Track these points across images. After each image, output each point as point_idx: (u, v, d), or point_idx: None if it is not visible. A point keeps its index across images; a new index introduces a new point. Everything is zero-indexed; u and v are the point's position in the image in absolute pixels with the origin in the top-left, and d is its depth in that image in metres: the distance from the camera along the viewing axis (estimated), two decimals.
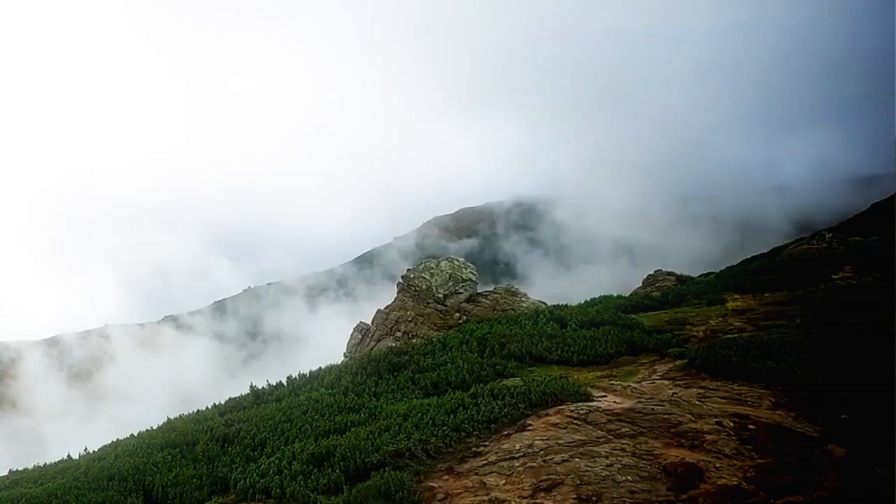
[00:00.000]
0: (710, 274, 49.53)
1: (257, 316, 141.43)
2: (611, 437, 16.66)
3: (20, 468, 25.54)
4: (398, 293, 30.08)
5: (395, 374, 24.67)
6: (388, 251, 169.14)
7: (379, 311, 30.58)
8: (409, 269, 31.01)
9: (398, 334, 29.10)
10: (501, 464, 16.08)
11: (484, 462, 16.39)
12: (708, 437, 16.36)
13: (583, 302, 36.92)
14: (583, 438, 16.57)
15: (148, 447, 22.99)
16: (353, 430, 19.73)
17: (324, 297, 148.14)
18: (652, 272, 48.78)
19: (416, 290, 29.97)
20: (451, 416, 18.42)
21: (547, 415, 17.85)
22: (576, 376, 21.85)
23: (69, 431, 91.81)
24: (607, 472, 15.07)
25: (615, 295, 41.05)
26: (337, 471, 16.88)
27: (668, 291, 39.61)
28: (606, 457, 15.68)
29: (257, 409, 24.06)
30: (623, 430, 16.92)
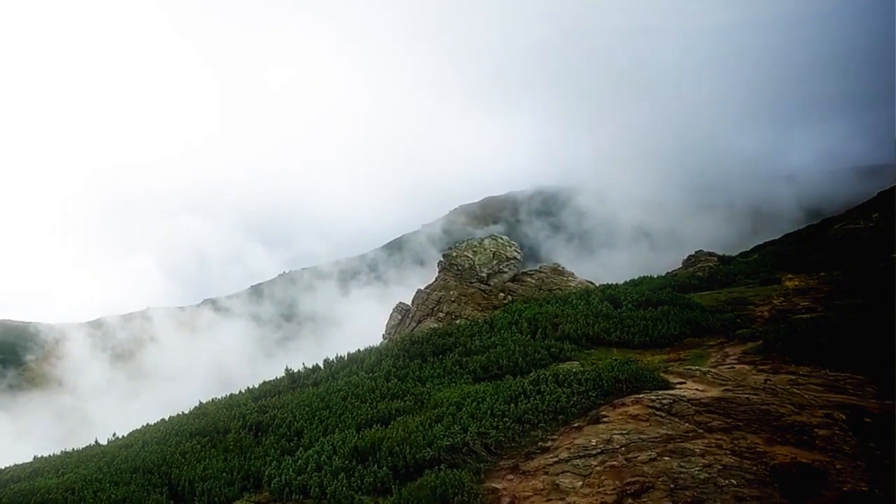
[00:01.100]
0: (750, 254, 46.15)
1: (292, 299, 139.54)
2: (702, 431, 13.59)
3: (46, 454, 22.99)
4: (440, 272, 27.17)
5: (441, 356, 21.75)
6: (417, 237, 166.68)
7: (419, 291, 27.68)
8: (450, 248, 28.07)
9: (440, 315, 26.24)
10: (576, 462, 13.09)
11: (554, 459, 13.43)
12: (819, 432, 13.23)
13: (624, 282, 33.84)
14: (669, 433, 13.52)
15: (177, 434, 20.31)
16: (399, 419, 16.85)
17: (355, 281, 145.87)
18: (693, 253, 45.34)
19: (458, 270, 27.04)
20: (512, 405, 15.45)
21: (623, 404, 14.81)
22: (643, 360, 18.78)
23: (112, 409, 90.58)
24: (706, 475, 12.02)
25: (654, 276, 37.92)
26: (384, 468, 14.01)
27: (715, 271, 36.28)
28: (702, 455, 12.63)
29: (293, 395, 21.27)
30: (715, 423, 13.84)
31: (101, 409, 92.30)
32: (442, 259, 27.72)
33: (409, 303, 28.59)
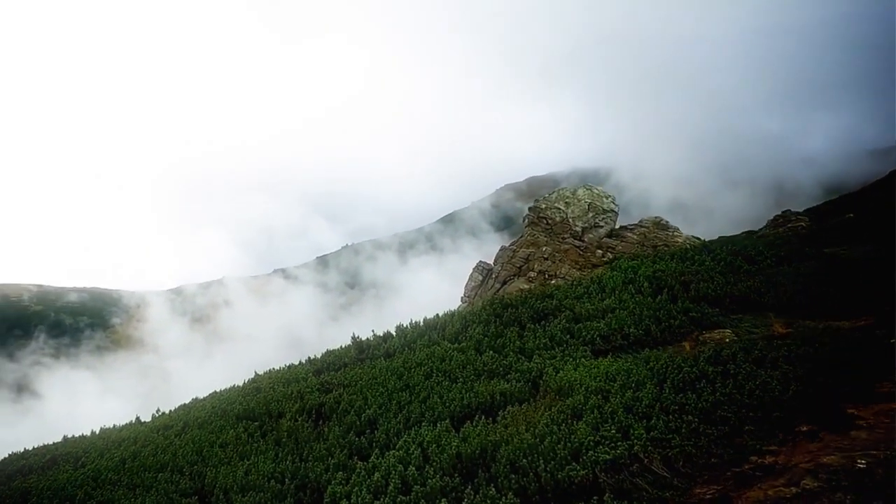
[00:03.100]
0: (842, 217, 39.00)
1: (355, 268, 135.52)
2: None
3: (77, 434, 17.82)
4: (526, 227, 21.22)
5: (542, 322, 15.75)
6: (468, 212, 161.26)
7: (504, 249, 21.75)
8: (538, 199, 22.01)
9: (531, 275, 20.36)
10: (838, 496, 7.00)
11: (791, 488, 7.36)
12: None
13: (719, 237, 27.35)
14: None
15: (222, 416, 14.84)
16: (511, 410, 10.93)
17: (413, 251, 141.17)
18: (779, 213, 38.09)
19: (548, 223, 21.02)
20: (689, 394, 9.33)
21: (889, 397, 8.59)
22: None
23: (190, 368, 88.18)
24: None
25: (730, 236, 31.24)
26: (508, 494, 8.11)
27: (815, 231, 29.40)
28: None
29: (362, 369, 15.56)
30: None
31: (180, 368, 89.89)
32: (528, 212, 21.75)
33: (491, 262, 22.74)
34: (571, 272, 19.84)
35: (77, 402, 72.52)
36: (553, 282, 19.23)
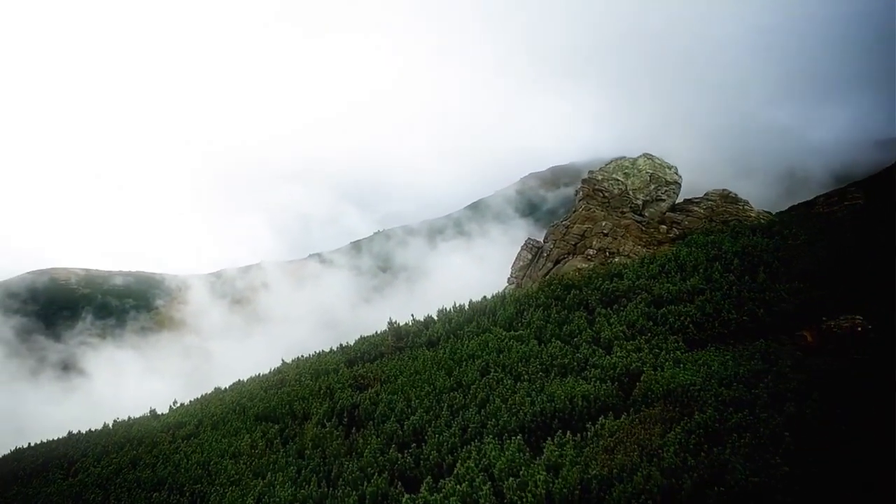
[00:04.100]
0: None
1: (387, 253, 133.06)
2: None
3: (75, 431, 15.06)
4: (580, 201, 17.89)
5: (614, 306, 12.50)
6: (494, 199, 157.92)
7: (556, 225, 18.42)
8: (592, 171, 18.63)
9: (589, 252, 17.11)
10: None
11: None
12: None
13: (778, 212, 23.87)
14: None
15: (240, 415, 11.94)
16: (603, 423, 7.75)
17: (442, 236, 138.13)
18: (834, 188, 34.24)
19: (605, 197, 17.70)
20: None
21: None
22: None
23: (230, 347, 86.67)
24: None
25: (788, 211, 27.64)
26: None
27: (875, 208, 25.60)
28: None
29: (401, 359, 12.51)
30: None
31: (221, 348, 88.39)
32: (582, 184, 18.41)
33: (542, 239, 19.50)
34: (636, 249, 16.59)
35: (122, 381, 71.16)
36: (616, 260, 16.02)
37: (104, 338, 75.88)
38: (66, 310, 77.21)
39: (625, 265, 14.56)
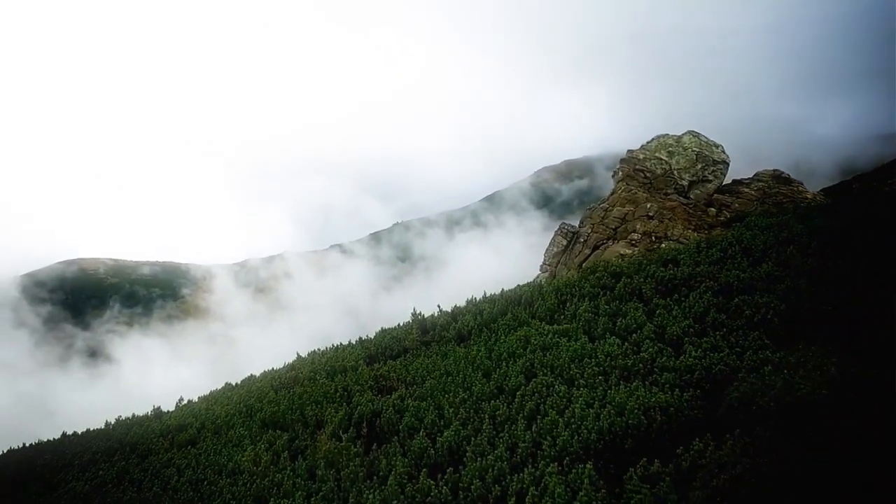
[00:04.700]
0: None
1: (406, 243, 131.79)
2: None
3: (78, 431, 13.34)
4: (620, 181, 15.71)
5: (673, 296, 10.40)
6: (510, 192, 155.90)
7: (592, 208, 16.21)
8: (631, 150, 16.37)
9: (633, 237, 14.96)
10: None
11: None
12: None
13: None
14: None
15: (247, 417, 10.06)
16: (700, 449, 5.66)
17: (459, 227, 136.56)
18: (886, 163, 32.09)
19: (646, 177, 15.51)
20: None
21: None
22: None
23: (255, 335, 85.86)
24: None
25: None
26: None
27: None
28: None
29: (428, 357, 10.55)
30: None
31: (245, 335, 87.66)
32: (621, 164, 16.19)
33: (577, 224, 17.32)
34: (686, 233, 14.45)
35: (149, 367, 70.36)
36: (664, 245, 13.90)
37: (131, 326, 74.95)
38: (95, 298, 76.31)
39: (678, 250, 12.42)
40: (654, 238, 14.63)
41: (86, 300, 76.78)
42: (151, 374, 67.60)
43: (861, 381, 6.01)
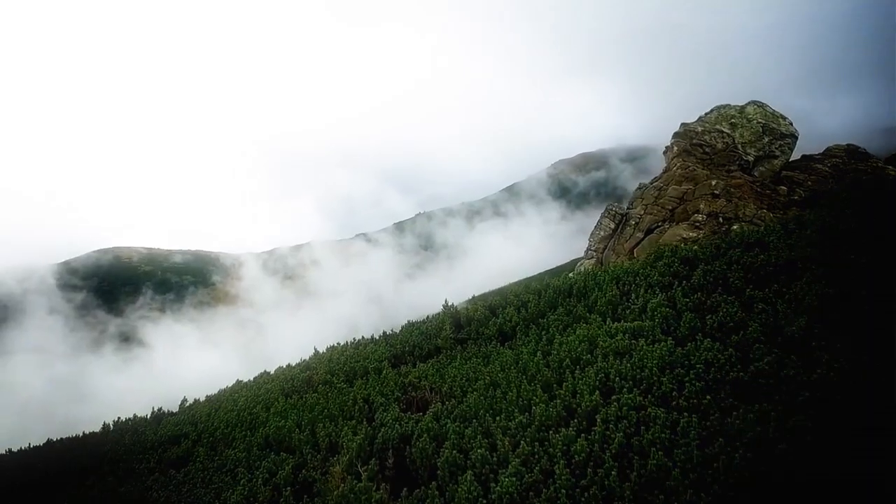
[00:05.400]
0: None
1: (428, 233, 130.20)
2: None
3: (84, 431, 11.36)
4: (674, 157, 13.29)
5: (773, 287, 7.97)
6: (528, 183, 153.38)
7: (643, 187, 13.72)
8: (687, 123, 13.90)
9: (697, 218, 12.52)
10: None
11: None
12: None
13: None
14: None
15: (249, 431, 7.87)
16: None
17: (479, 217, 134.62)
18: None
19: (705, 152, 13.06)
20: None
21: None
22: None
23: (283, 319, 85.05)
24: None
25: None
26: None
27: None
28: None
29: (465, 359, 8.28)
30: None
31: (273, 321, 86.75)
32: (675, 139, 13.75)
33: (626, 205, 14.86)
34: (761, 213, 11.99)
35: (180, 352, 69.44)
36: (735, 227, 11.47)
37: (164, 312, 74.00)
38: (129, 286, 75.47)
39: (759, 232, 9.97)
40: (721, 219, 12.17)
41: (120, 287, 75.97)
42: (183, 359, 66.59)
43: None
